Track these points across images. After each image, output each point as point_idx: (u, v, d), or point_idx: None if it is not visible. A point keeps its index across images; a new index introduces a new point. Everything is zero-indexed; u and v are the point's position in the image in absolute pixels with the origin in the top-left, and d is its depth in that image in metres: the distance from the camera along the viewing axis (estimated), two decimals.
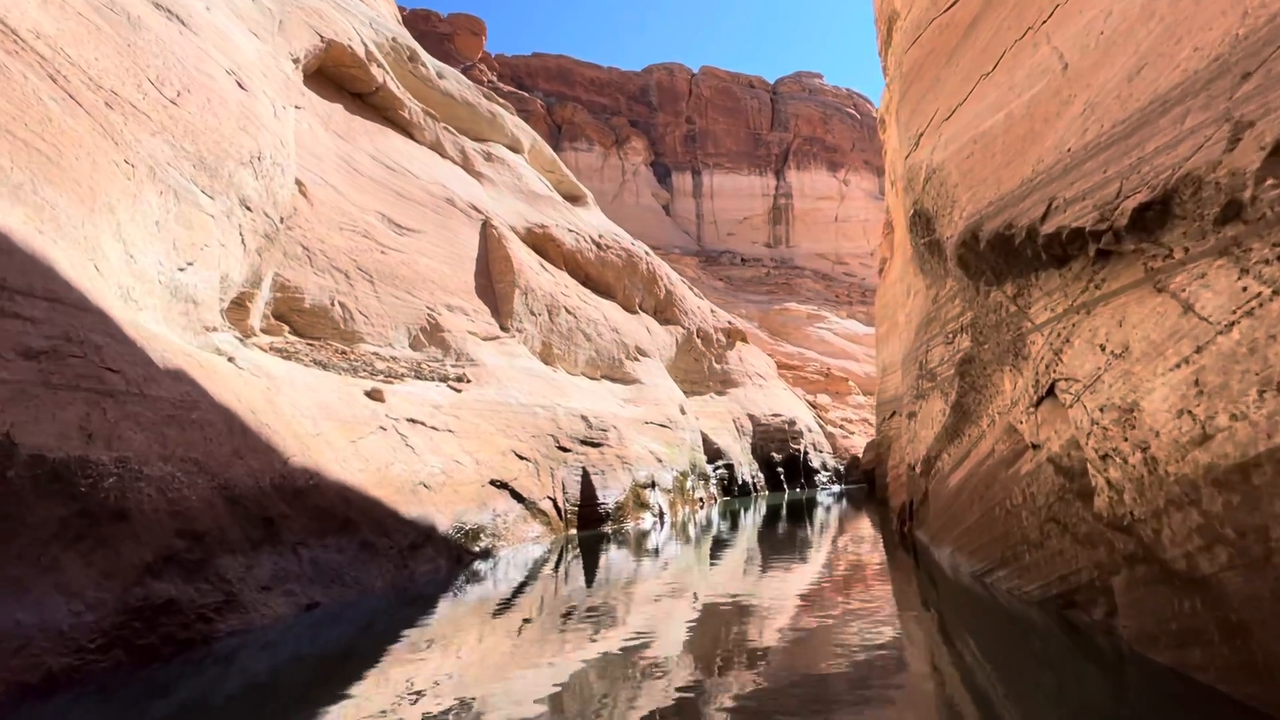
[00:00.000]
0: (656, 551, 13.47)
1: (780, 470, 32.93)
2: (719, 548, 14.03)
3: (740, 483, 28.52)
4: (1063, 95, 5.02)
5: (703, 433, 26.93)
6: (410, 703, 5.17)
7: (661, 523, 18.20)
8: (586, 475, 16.66)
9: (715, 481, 26.05)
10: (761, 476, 31.21)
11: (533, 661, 6.15)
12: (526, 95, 73.67)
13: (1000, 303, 6.14)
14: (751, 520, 20.00)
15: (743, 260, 74.88)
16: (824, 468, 37.23)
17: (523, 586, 9.74)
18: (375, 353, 15.45)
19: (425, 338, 17.02)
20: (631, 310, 27.71)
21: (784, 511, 22.81)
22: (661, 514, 18.92)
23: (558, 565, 11.68)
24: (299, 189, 15.20)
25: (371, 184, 18.09)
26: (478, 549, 11.71)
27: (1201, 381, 3.72)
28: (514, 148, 27.58)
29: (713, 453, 27.34)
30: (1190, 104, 3.66)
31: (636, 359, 25.65)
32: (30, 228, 6.57)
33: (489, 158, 24.85)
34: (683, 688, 5.30)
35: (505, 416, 15.79)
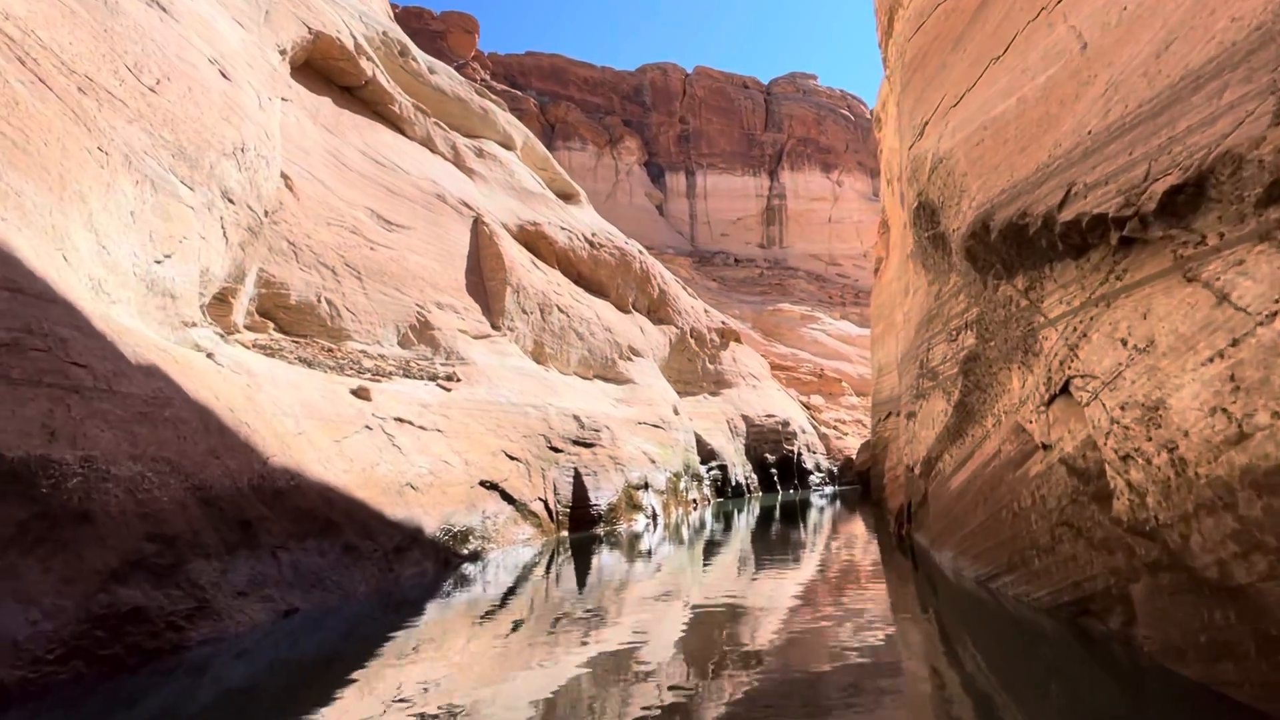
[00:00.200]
0: (649, 554, 13.23)
1: (774, 471, 32.71)
2: (713, 550, 13.80)
3: (734, 484, 28.28)
4: (1082, 76, 4.77)
5: (696, 433, 26.68)
6: (396, 710, 4.96)
7: (654, 524, 17.93)
8: (578, 476, 16.36)
9: (709, 483, 25.79)
10: (755, 478, 30.98)
11: (523, 666, 5.96)
12: (520, 94, 73.28)
13: (1010, 297, 5.89)
14: (745, 522, 19.77)
15: (736, 261, 74.69)
16: (817, 469, 37.04)
17: (513, 590, 9.50)
18: (363, 350, 15.12)
19: (414, 336, 16.68)
20: (625, 309, 27.42)
21: (778, 513, 22.58)
22: (654, 516, 18.64)
23: (549, 568, 11.43)
24: (285, 183, 14.85)
25: (360, 179, 17.74)
26: (466, 551, 11.40)
27: (1238, 377, 3.47)
28: (506, 144, 27.26)
29: (706, 453, 27.09)
30: (1228, 78, 3.41)
31: (630, 359, 25.36)
32: None
33: (481, 154, 24.52)
34: (675, 693, 5.16)
35: (496, 416, 15.47)
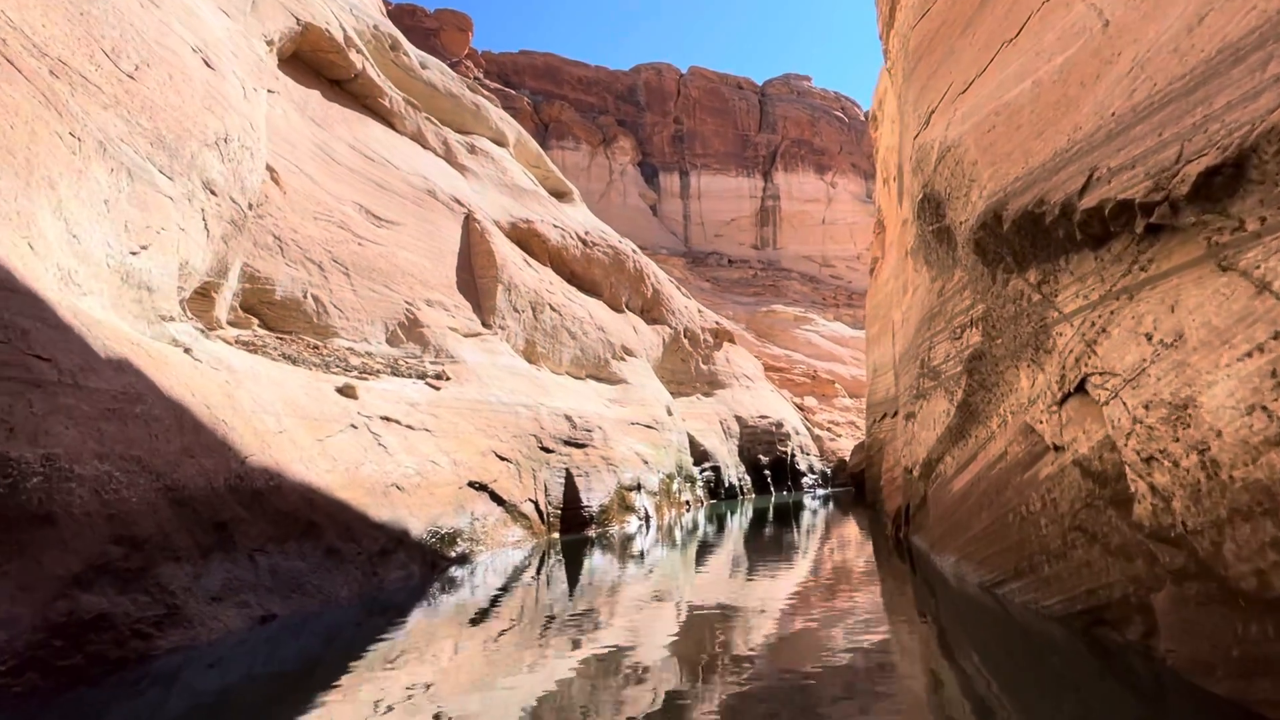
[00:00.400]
0: (642, 556, 12.97)
1: (767, 473, 32.47)
2: (706, 552, 13.56)
3: (727, 485, 28.02)
4: (1104, 55, 4.52)
5: (689, 434, 26.41)
6: (381, 718, 4.75)
7: (647, 526, 17.65)
8: (570, 477, 16.06)
9: (702, 484, 25.52)
10: (748, 479, 30.73)
11: (512, 671, 5.77)
12: (513, 93, 72.90)
13: (1021, 291, 5.64)
14: (738, 524, 19.53)
15: (730, 261, 74.52)
16: (811, 470, 36.82)
17: (502, 593, 9.24)
18: (350, 348, 14.78)
19: (403, 333, 16.35)
20: (618, 309, 27.13)
21: (772, 515, 22.36)
22: (647, 517, 18.35)
23: (539, 570, 11.16)
24: (271, 176, 14.50)
25: (349, 173, 17.39)
26: (454, 554, 11.09)
27: None
28: (499, 141, 26.94)
29: (699, 455, 26.82)
30: (1273, 48, 3.16)
31: (623, 358, 25.07)
32: None
33: (473, 150, 24.20)
34: (668, 698, 5.00)
35: (486, 415, 15.16)
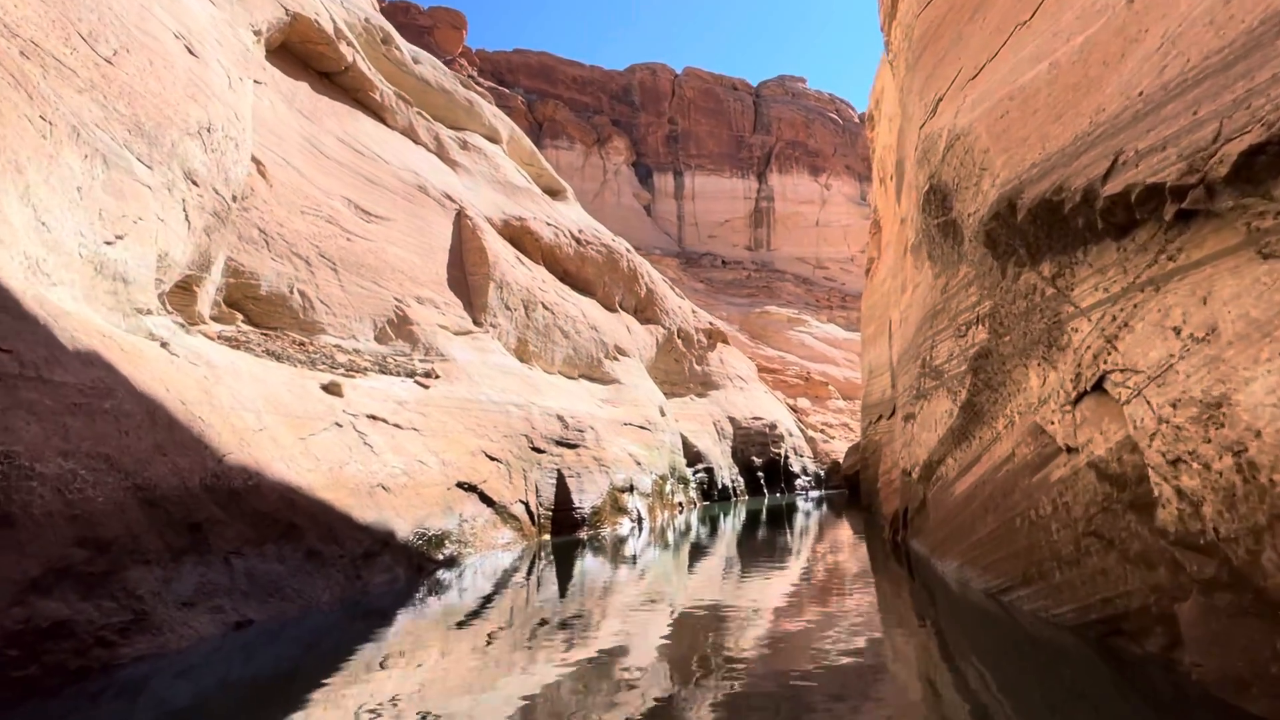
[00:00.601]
0: (634, 559, 12.72)
1: (760, 474, 32.23)
2: (699, 555, 13.32)
3: (720, 487, 27.77)
4: (1128, 32, 4.27)
5: (682, 435, 26.14)
6: None
7: (640, 528, 17.38)
8: (562, 478, 15.76)
9: (695, 485, 25.24)
10: (742, 481, 30.47)
11: (501, 676, 5.61)
12: (507, 92, 72.54)
13: (1034, 285, 5.38)
14: (732, 526, 19.29)
15: (723, 263, 74.33)
16: (804, 472, 36.60)
17: (491, 596, 8.98)
18: (337, 345, 14.44)
19: (392, 330, 16.02)
20: (611, 308, 26.84)
21: (765, 517, 22.13)
22: (640, 519, 18.07)
23: (529, 573, 10.89)
24: (257, 169, 14.16)
25: (338, 167, 17.05)
26: (441, 557, 10.78)
27: None
28: (491, 138, 26.62)
29: (693, 456, 26.56)
30: None
31: (616, 358, 24.78)
32: None
33: (465, 146, 23.87)
34: (659, 703, 4.87)
35: (476, 415, 14.85)
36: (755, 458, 32.36)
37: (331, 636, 7.16)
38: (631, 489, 18.43)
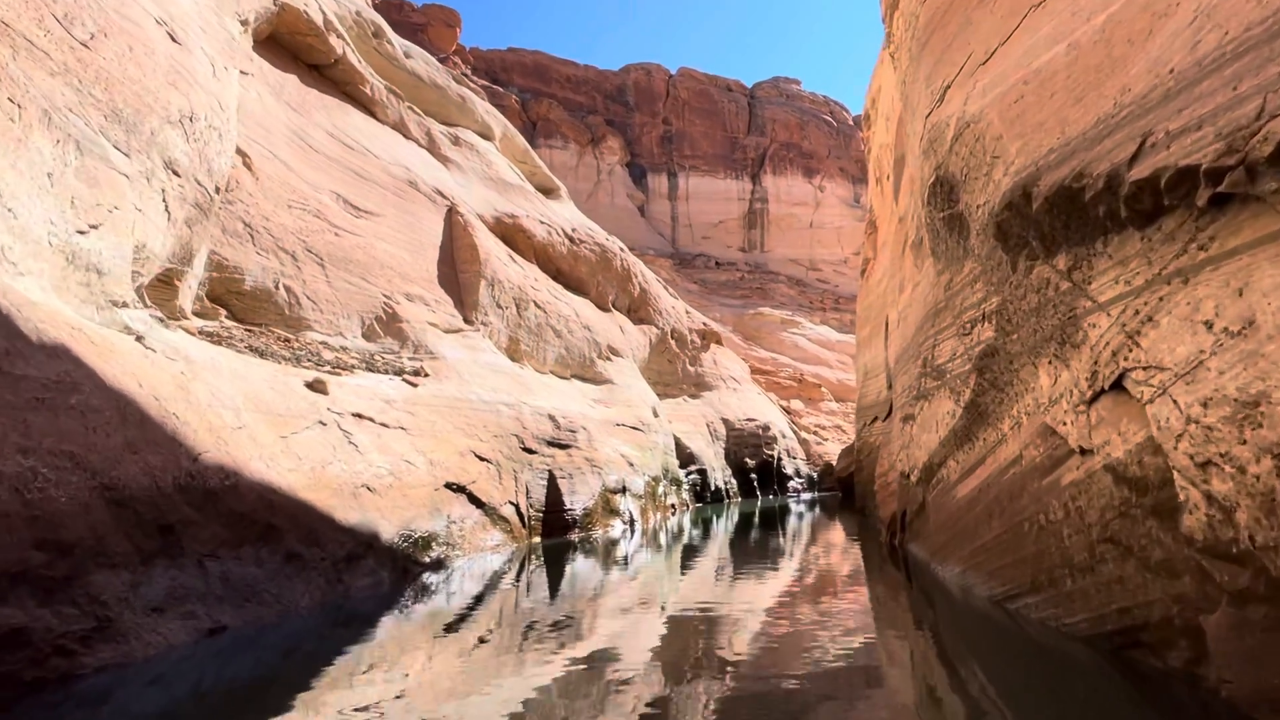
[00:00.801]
0: (626, 561, 12.46)
1: (753, 476, 32.02)
2: (692, 557, 13.08)
3: (713, 488, 27.53)
4: (1156, 8, 4.03)
5: (675, 436, 25.90)
6: None
7: (632, 530, 17.11)
8: (553, 479, 15.47)
9: (687, 487, 24.99)
10: (734, 482, 30.25)
11: (489, 682, 5.45)
12: (501, 90, 72.14)
13: (1047, 280, 5.14)
14: (725, 528, 19.06)
15: (717, 264, 74.12)
16: (797, 474, 36.41)
17: (479, 600, 8.74)
18: (323, 342, 14.11)
19: (380, 328, 15.70)
20: (604, 308, 26.56)
21: (759, 519, 21.92)
22: (632, 521, 17.79)
23: (519, 576, 10.63)
24: (243, 161, 13.82)
25: (326, 161, 16.72)
26: (428, 559, 10.48)
27: None
28: (484, 134, 26.31)
29: (685, 457, 26.31)
30: None
31: (609, 358, 24.50)
32: None
33: (457, 142, 23.56)
34: (651, 708, 4.78)
35: (465, 414, 14.54)
36: (748, 459, 32.15)
37: (310, 642, 6.95)
38: (624, 490, 18.15)
